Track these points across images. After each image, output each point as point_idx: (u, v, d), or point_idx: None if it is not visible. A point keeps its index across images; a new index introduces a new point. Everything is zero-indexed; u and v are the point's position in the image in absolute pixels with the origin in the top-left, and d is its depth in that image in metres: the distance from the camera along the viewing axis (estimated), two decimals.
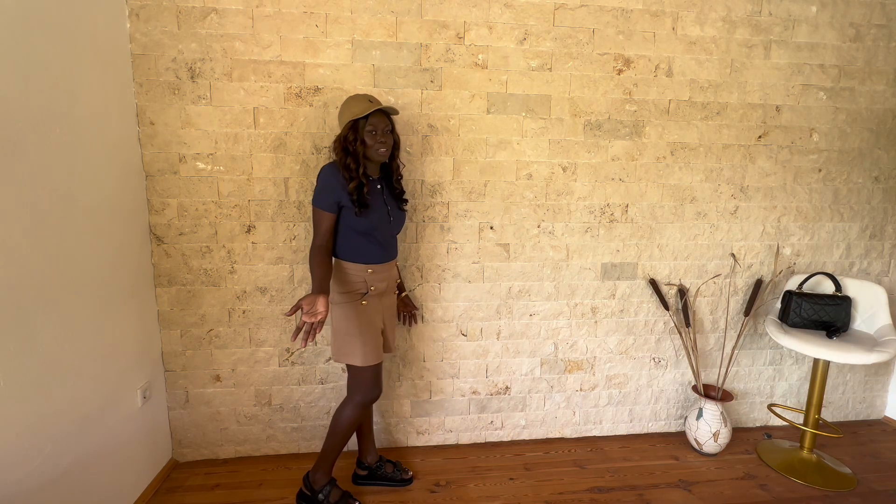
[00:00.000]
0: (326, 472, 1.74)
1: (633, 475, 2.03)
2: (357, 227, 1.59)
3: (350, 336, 1.62)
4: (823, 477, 2.02)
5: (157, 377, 1.94)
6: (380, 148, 1.58)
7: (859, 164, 2.27)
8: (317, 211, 1.58)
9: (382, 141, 1.58)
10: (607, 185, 2.12)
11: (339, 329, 1.64)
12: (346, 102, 1.61)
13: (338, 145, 1.59)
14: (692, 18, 2.03)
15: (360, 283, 1.63)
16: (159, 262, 1.90)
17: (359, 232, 1.60)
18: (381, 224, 1.63)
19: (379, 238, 1.64)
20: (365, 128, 1.55)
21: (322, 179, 1.58)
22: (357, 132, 1.55)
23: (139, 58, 1.77)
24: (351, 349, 1.63)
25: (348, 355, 1.64)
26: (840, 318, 2.09)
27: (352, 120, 1.55)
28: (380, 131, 1.57)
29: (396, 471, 1.93)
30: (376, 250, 1.64)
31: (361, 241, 1.61)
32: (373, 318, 1.66)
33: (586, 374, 2.27)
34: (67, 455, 1.41)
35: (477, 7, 1.91)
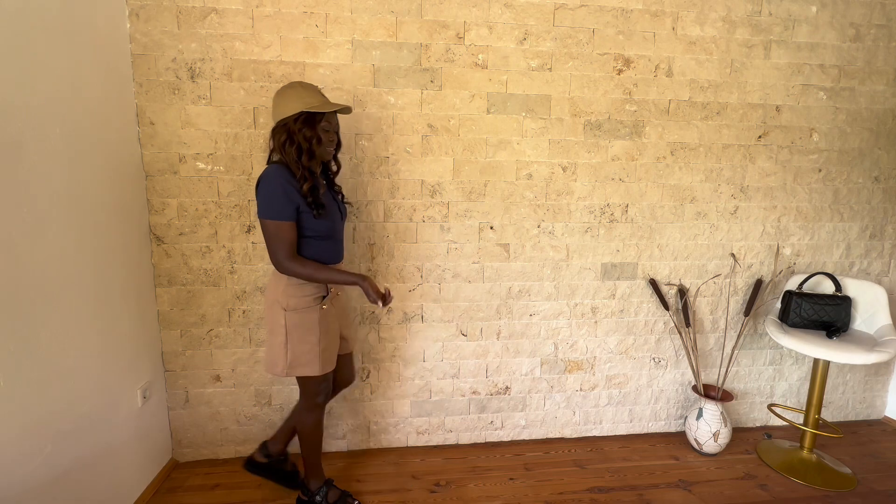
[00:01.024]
0: (318, 474, 1.73)
1: (633, 475, 2.03)
2: (318, 230, 1.48)
3: (308, 345, 1.50)
4: (823, 477, 2.02)
5: (157, 377, 1.94)
6: (330, 147, 1.50)
7: (859, 164, 2.27)
8: (273, 224, 1.39)
9: (332, 140, 1.51)
10: (607, 185, 2.12)
11: (295, 338, 1.49)
12: (291, 90, 1.44)
13: (283, 136, 1.42)
14: (692, 18, 2.03)
15: (319, 286, 1.52)
16: (159, 262, 1.90)
17: (318, 235, 1.49)
18: (337, 223, 1.56)
19: (337, 237, 1.57)
20: (321, 124, 1.44)
21: (270, 187, 1.39)
22: (314, 128, 1.43)
23: (139, 58, 1.77)
24: (308, 358, 1.51)
25: (304, 366, 1.51)
26: (840, 318, 2.09)
27: (307, 112, 1.41)
28: (332, 130, 1.49)
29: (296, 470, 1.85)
30: (334, 250, 1.57)
31: (321, 243, 1.51)
32: (332, 323, 1.58)
33: (586, 374, 2.27)
34: (67, 455, 1.41)
35: (477, 7, 1.91)
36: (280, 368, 1.52)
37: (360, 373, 2.11)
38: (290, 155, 1.42)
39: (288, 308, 1.48)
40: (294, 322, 1.49)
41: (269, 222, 1.40)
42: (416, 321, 2.10)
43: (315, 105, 1.42)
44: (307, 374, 1.53)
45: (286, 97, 1.43)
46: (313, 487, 1.72)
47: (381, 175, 1.97)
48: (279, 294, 1.49)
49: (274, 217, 1.39)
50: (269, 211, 1.39)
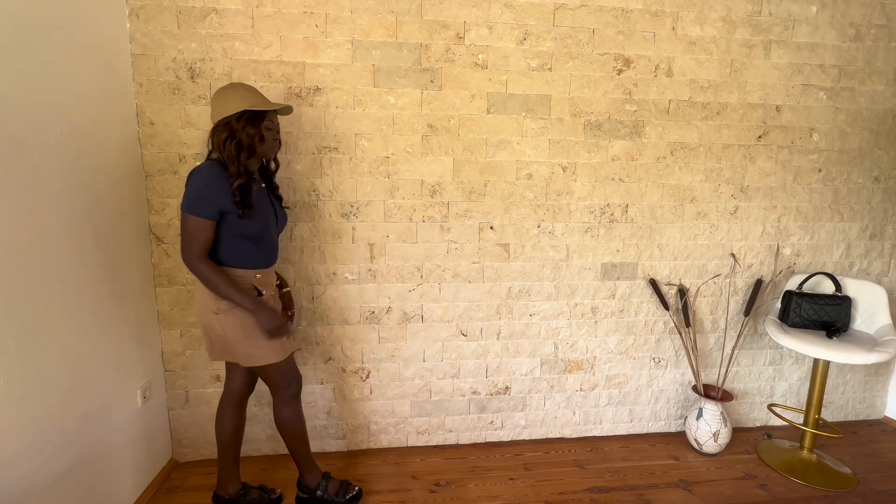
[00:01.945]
0: (312, 469, 1.73)
1: (633, 475, 2.03)
2: (246, 231, 1.44)
3: (253, 339, 1.47)
4: (823, 477, 2.02)
5: (157, 377, 1.94)
6: (274, 147, 1.51)
7: (859, 164, 2.27)
8: (193, 219, 1.36)
9: (277, 139, 1.51)
10: (607, 185, 2.12)
11: (238, 337, 1.47)
12: (231, 90, 1.43)
13: (226, 136, 1.40)
14: (692, 18, 2.03)
15: (250, 289, 1.49)
16: (159, 262, 1.90)
17: (247, 237, 1.45)
18: (269, 226, 1.52)
19: (268, 241, 1.53)
20: (264, 123, 1.44)
21: (200, 182, 1.37)
22: (257, 126, 1.42)
23: (139, 58, 1.77)
24: (259, 350, 1.49)
25: (261, 356, 1.50)
26: (840, 318, 2.09)
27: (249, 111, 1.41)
28: (275, 129, 1.50)
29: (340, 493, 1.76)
30: (264, 254, 1.52)
31: (249, 247, 1.47)
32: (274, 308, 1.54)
33: (586, 374, 2.27)
34: (67, 455, 1.41)
35: (477, 7, 1.91)
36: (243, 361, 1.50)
37: (360, 373, 2.11)
38: (229, 151, 1.40)
39: (221, 311, 1.45)
40: (231, 321, 1.46)
41: (188, 217, 1.37)
42: (416, 321, 2.10)
43: (257, 104, 1.42)
44: (268, 363, 1.51)
45: (227, 97, 1.42)
46: (312, 483, 1.72)
47: (381, 175, 1.97)
48: (210, 301, 1.46)
49: (194, 213, 1.37)
50: (191, 206, 1.37)
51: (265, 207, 1.51)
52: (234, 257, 1.46)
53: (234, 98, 1.41)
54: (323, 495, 1.72)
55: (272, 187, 1.63)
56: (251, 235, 1.46)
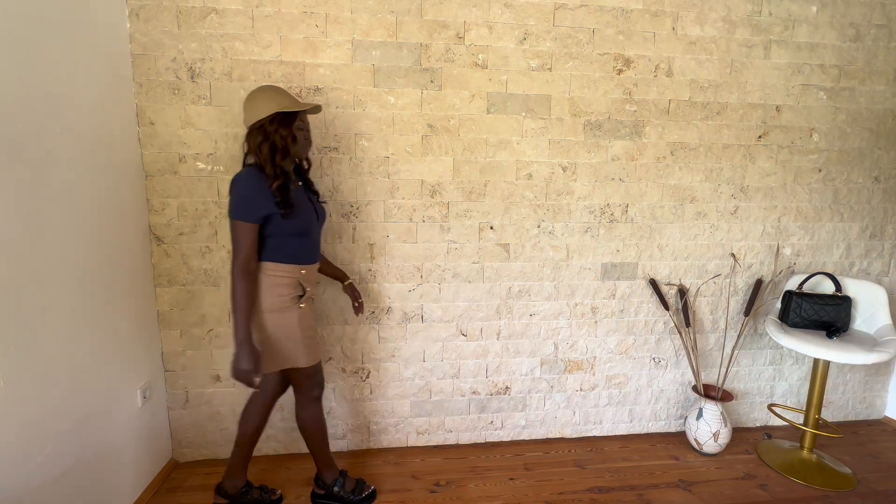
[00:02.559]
0: (330, 467, 1.77)
1: (633, 475, 2.03)
2: (290, 230, 1.48)
3: (291, 341, 1.53)
4: (823, 477, 2.02)
5: (157, 377, 1.94)
6: (306, 146, 1.55)
7: (859, 164, 2.27)
8: (239, 224, 1.41)
9: (308, 139, 1.56)
10: (607, 185, 2.12)
11: (278, 337, 1.51)
12: (262, 93, 1.47)
13: (261, 139, 1.44)
14: (692, 18, 2.03)
15: (295, 285, 1.53)
16: (159, 262, 1.90)
17: (292, 235, 1.50)
18: (311, 223, 1.56)
19: (312, 237, 1.57)
20: (295, 123, 1.48)
21: (242, 188, 1.43)
22: (289, 127, 1.46)
23: (139, 58, 1.77)
24: (293, 353, 1.54)
25: (289, 360, 1.54)
26: (840, 318, 2.09)
27: (282, 113, 1.45)
28: (306, 129, 1.54)
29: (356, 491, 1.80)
30: (308, 251, 1.56)
31: (294, 243, 1.51)
32: (311, 319, 1.60)
33: (586, 374, 2.27)
34: (67, 455, 1.41)
35: (477, 7, 1.91)
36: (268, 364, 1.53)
37: (360, 373, 2.11)
38: (265, 154, 1.44)
39: (266, 309, 1.50)
40: (274, 322, 1.51)
41: (236, 222, 1.42)
42: (416, 321, 2.10)
43: (288, 105, 1.45)
44: (295, 366, 1.56)
45: (259, 100, 1.46)
46: (329, 480, 1.76)
47: (381, 175, 1.97)
48: (263, 295, 1.49)
49: (240, 218, 1.42)
50: (236, 211, 1.42)
51: (305, 205, 1.55)
52: (280, 255, 1.50)
53: (265, 101, 1.45)
54: (339, 492, 1.76)
55: (308, 185, 1.66)
56: (296, 233, 1.50)
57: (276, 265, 1.49)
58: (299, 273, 1.54)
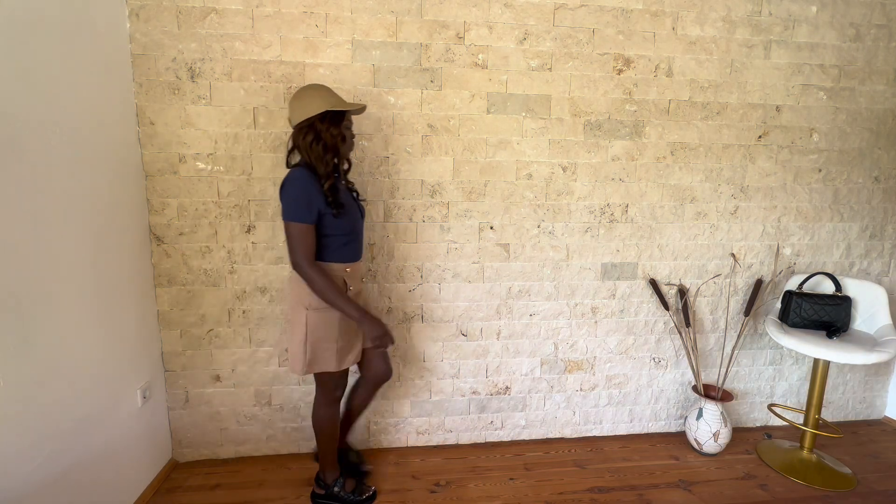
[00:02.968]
0: (333, 467, 1.77)
1: (633, 475, 2.03)
2: (340, 228, 1.50)
3: (327, 342, 1.53)
4: (823, 477, 2.02)
5: (157, 377, 1.94)
6: (352, 146, 1.57)
7: (859, 164, 2.27)
8: (296, 226, 1.41)
9: (353, 137, 1.58)
10: (607, 185, 2.11)
11: (317, 337, 1.52)
12: (312, 91, 1.47)
13: (310, 136, 1.43)
14: (692, 18, 2.03)
15: (340, 284, 1.53)
16: (159, 262, 1.90)
17: (342, 233, 1.51)
18: (358, 221, 1.59)
19: (358, 235, 1.60)
20: (343, 123, 1.49)
21: (295, 189, 1.42)
22: (339, 126, 1.47)
23: (139, 58, 1.77)
24: (326, 355, 1.54)
25: (323, 362, 1.55)
26: (840, 318, 2.09)
27: (331, 112, 1.45)
28: (351, 128, 1.56)
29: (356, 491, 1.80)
30: (354, 248, 1.58)
31: (342, 241, 1.53)
32: (349, 325, 1.58)
33: (586, 374, 2.27)
34: (67, 455, 1.41)
35: (477, 7, 1.91)
36: (300, 367, 1.54)
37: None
38: (317, 153, 1.44)
39: (310, 307, 1.50)
40: (315, 321, 1.51)
41: (291, 224, 1.42)
42: (416, 321, 2.10)
43: (337, 104, 1.45)
44: (325, 370, 1.57)
45: (307, 98, 1.45)
46: (329, 480, 1.77)
47: (381, 175, 1.97)
48: (303, 293, 1.50)
49: (297, 219, 1.41)
50: (291, 213, 1.42)
51: (350, 203, 1.56)
52: (326, 253, 1.51)
53: (315, 99, 1.44)
54: (340, 492, 1.76)
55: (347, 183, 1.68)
56: (345, 231, 1.51)
57: (325, 265, 1.51)
58: (344, 271, 1.55)
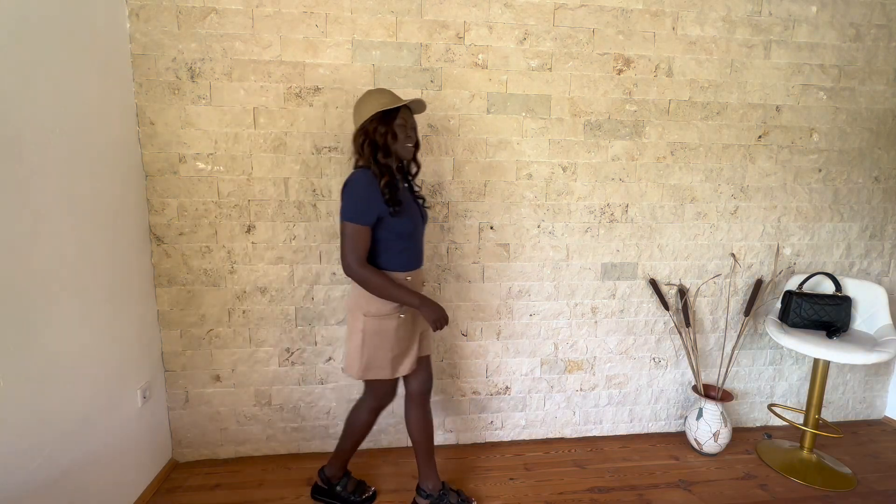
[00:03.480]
0: (341, 467, 1.78)
1: (633, 475, 2.03)
2: (400, 230, 1.46)
3: (383, 350, 1.52)
4: (823, 477, 2.02)
5: (157, 377, 1.94)
6: (408, 144, 1.48)
7: (859, 164, 2.27)
8: (352, 226, 1.40)
9: (411, 136, 1.49)
10: (607, 185, 2.11)
11: (371, 344, 1.51)
12: (367, 96, 1.48)
13: (362, 139, 1.44)
14: (692, 18, 2.03)
15: None
16: (159, 262, 1.90)
17: (400, 236, 1.48)
18: (418, 225, 1.54)
19: (418, 241, 1.57)
20: (395, 121, 1.45)
21: (355, 190, 1.41)
22: (388, 125, 1.44)
23: (139, 58, 1.77)
24: (381, 363, 1.52)
25: (377, 369, 1.53)
26: (840, 318, 2.09)
27: (380, 112, 1.43)
28: (409, 126, 1.49)
29: (357, 492, 1.82)
30: (413, 255, 1.55)
31: (401, 246, 1.49)
32: (409, 330, 1.56)
33: (586, 374, 2.27)
34: (67, 455, 1.41)
35: (477, 7, 1.91)
36: (355, 371, 1.54)
37: None
38: (366, 153, 1.44)
39: (368, 314, 1.49)
40: (372, 328, 1.50)
41: (347, 224, 1.41)
42: None
43: (387, 104, 1.44)
44: (379, 378, 1.55)
45: (362, 104, 1.47)
46: (335, 478, 1.79)
47: None
48: (361, 299, 1.50)
49: (353, 220, 1.40)
50: (349, 213, 1.41)
51: (411, 206, 1.53)
52: (385, 260, 1.49)
53: (367, 103, 1.46)
54: (341, 491, 1.78)
55: (412, 189, 1.63)
56: (404, 235, 1.49)
57: (384, 272, 1.48)
58: (404, 280, 1.52)
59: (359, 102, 1.49)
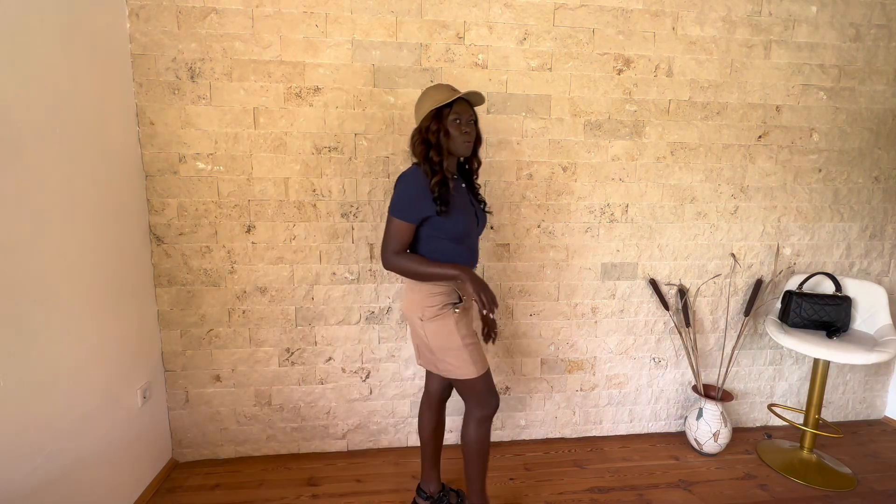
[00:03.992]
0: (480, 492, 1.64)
1: (633, 475, 2.03)
2: (449, 232, 1.43)
3: (455, 349, 1.46)
4: (823, 477, 2.02)
5: (157, 377, 1.94)
6: (464, 140, 1.41)
7: (859, 164, 2.27)
8: (396, 222, 1.39)
9: (467, 132, 1.42)
10: (607, 185, 2.11)
11: (441, 346, 1.47)
12: (425, 92, 1.45)
13: (418, 138, 1.43)
14: (692, 18, 2.03)
15: (450, 293, 1.47)
16: (159, 262, 1.90)
17: (452, 238, 1.44)
18: (471, 227, 1.49)
19: (470, 243, 1.51)
20: (449, 117, 1.39)
21: (405, 187, 1.40)
22: (441, 122, 1.39)
23: (139, 58, 1.77)
24: (461, 361, 1.47)
25: (460, 368, 1.47)
26: (840, 318, 2.09)
27: (434, 109, 1.39)
28: (464, 121, 1.41)
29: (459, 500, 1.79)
30: (466, 256, 1.49)
31: (451, 247, 1.45)
32: (469, 326, 1.52)
33: (586, 374, 2.27)
34: (67, 455, 1.41)
35: (477, 7, 1.91)
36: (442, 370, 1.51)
37: (360, 373, 2.11)
38: (420, 151, 1.42)
39: (424, 318, 1.47)
40: (433, 331, 1.47)
41: (392, 219, 1.40)
42: None
43: (442, 100, 1.39)
44: (465, 377, 1.48)
45: (419, 103, 1.45)
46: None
47: (381, 175, 1.97)
48: (415, 307, 1.48)
49: (397, 216, 1.39)
50: (395, 209, 1.40)
51: (466, 208, 1.48)
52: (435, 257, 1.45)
53: (424, 101, 1.43)
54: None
55: (474, 189, 1.59)
56: (454, 237, 1.45)
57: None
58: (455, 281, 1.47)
59: (417, 102, 1.46)
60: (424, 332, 1.48)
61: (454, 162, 1.48)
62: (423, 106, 1.43)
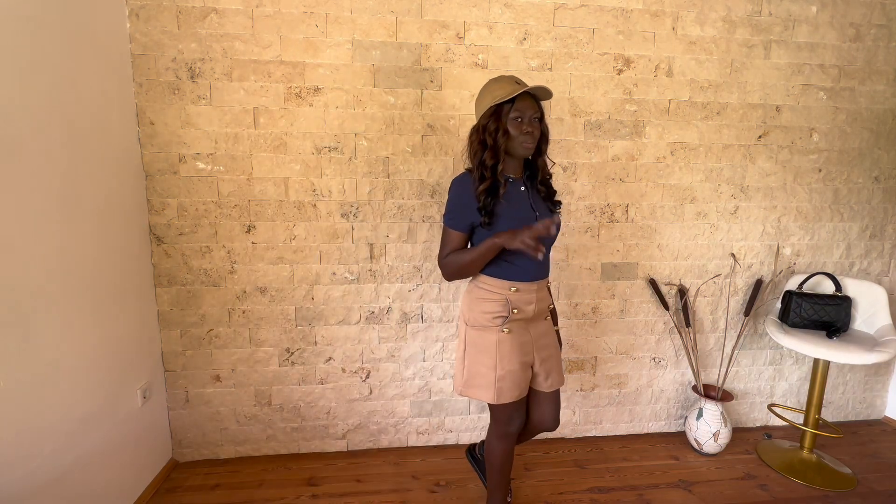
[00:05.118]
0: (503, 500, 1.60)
1: (633, 475, 2.03)
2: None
3: (483, 368, 1.37)
4: (823, 477, 2.02)
5: (157, 377, 1.94)
6: (525, 140, 1.28)
7: (859, 164, 2.27)
8: (447, 229, 1.35)
9: (528, 131, 1.28)
10: (607, 185, 2.11)
11: (472, 356, 1.40)
12: (486, 86, 1.33)
13: (475, 138, 1.32)
14: (692, 18, 2.03)
15: (502, 304, 1.36)
16: (159, 262, 1.90)
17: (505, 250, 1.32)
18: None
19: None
20: (509, 115, 1.27)
21: (452, 194, 1.34)
22: (499, 120, 1.27)
23: (139, 58, 1.77)
24: (481, 382, 1.38)
25: (478, 388, 1.39)
26: (840, 318, 2.09)
27: (493, 105, 1.27)
28: (526, 119, 1.28)
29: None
30: (523, 266, 1.35)
31: (507, 255, 1.34)
32: (515, 350, 1.38)
33: (586, 374, 2.27)
34: (67, 455, 1.41)
35: (477, 7, 1.91)
36: (457, 383, 1.47)
37: (360, 373, 2.11)
38: (474, 154, 1.32)
39: (468, 323, 1.42)
40: (472, 339, 1.41)
41: (444, 226, 1.38)
42: (415, 321, 2.10)
43: (503, 96, 1.26)
44: (480, 399, 1.41)
45: (479, 98, 1.34)
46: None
47: (381, 175, 1.97)
48: (464, 307, 1.45)
49: (447, 223, 1.36)
50: (446, 215, 1.37)
51: (525, 213, 1.35)
52: (490, 266, 1.37)
53: (484, 97, 1.32)
54: None
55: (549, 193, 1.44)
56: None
57: (486, 278, 1.37)
58: (508, 290, 1.36)
59: (477, 97, 1.36)
60: (466, 336, 1.43)
61: (516, 164, 1.37)
62: (482, 102, 1.32)
